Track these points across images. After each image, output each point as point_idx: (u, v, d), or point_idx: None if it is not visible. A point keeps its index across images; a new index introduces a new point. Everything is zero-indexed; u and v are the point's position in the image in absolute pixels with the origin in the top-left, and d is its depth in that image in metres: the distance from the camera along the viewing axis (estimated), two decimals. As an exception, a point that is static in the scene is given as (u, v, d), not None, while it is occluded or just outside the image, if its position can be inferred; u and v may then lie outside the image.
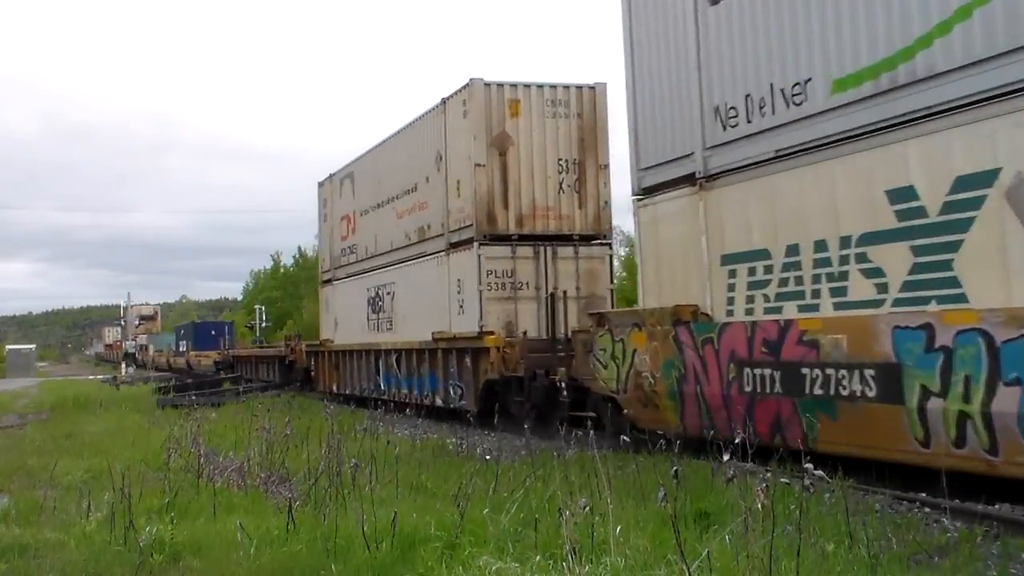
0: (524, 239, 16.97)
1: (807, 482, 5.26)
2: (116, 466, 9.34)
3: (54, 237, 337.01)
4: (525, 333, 16.25)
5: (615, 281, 17.72)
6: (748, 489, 5.25)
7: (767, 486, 4.80)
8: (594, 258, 17.40)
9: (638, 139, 12.72)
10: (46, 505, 8.63)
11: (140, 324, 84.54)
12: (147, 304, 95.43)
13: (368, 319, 22.78)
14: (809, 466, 5.28)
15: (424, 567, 5.92)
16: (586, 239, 17.37)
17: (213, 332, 57.38)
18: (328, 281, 26.82)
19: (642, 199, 12.66)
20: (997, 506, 7.85)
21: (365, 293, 23.02)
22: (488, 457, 11.43)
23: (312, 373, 28.35)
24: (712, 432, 10.50)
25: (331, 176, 26.55)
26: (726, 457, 6.83)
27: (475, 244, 16.80)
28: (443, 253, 18.21)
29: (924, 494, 8.36)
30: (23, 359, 64.34)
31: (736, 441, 7.12)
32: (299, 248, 69.22)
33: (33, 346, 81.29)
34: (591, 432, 8.65)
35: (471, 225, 16.94)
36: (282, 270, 71.43)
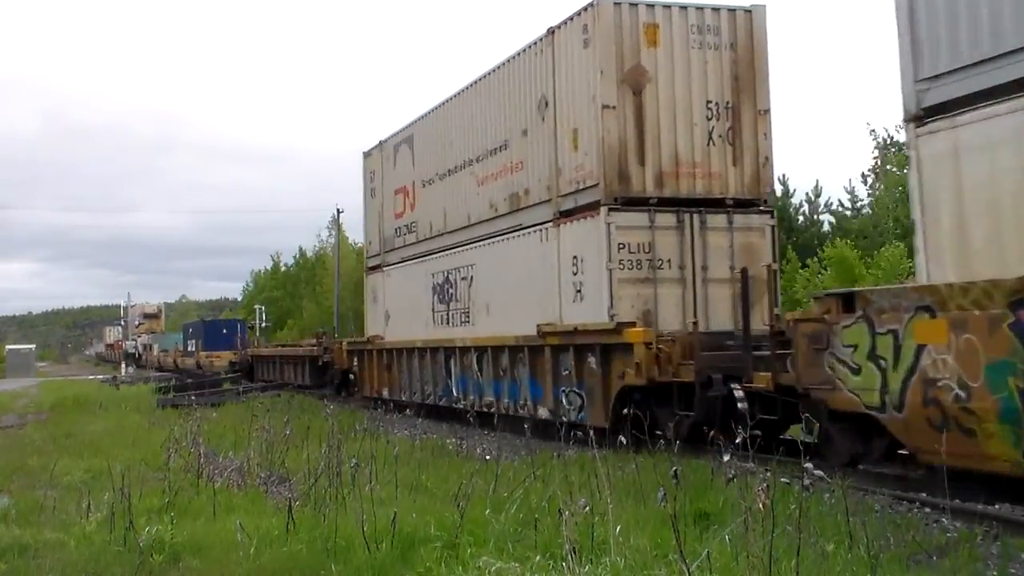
0: (664, 203, 13.41)
1: (807, 482, 5.26)
2: (116, 466, 9.34)
3: (54, 237, 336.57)
4: (696, 324, 12.42)
5: (776, 260, 13.88)
6: (748, 489, 5.25)
7: (767, 486, 4.80)
8: (752, 229, 13.79)
9: (916, 36, 9.04)
10: (46, 505, 8.63)
11: (142, 323, 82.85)
12: (150, 303, 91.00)
13: (434, 310, 19.20)
14: (809, 466, 5.29)
15: (424, 567, 5.93)
16: (742, 205, 13.84)
17: (225, 330, 52.83)
18: (376, 267, 23.00)
19: (926, 124, 8.98)
20: (997, 506, 7.86)
21: (429, 279, 19.38)
22: (488, 457, 11.45)
23: (353, 376, 25.02)
24: None
25: (381, 143, 22.69)
26: (726, 457, 6.83)
27: (602, 210, 13.17)
28: (550, 224, 14.66)
29: (924, 494, 8.37)
30: (23, 359, 64.37)
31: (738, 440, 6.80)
32: (299, 248, 69.32)
33: (33, 346, 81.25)
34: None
35: (596, 185, 13.36)
36: (283, 269, 71.51)
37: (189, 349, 58.54)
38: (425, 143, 20.01)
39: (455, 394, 17.88)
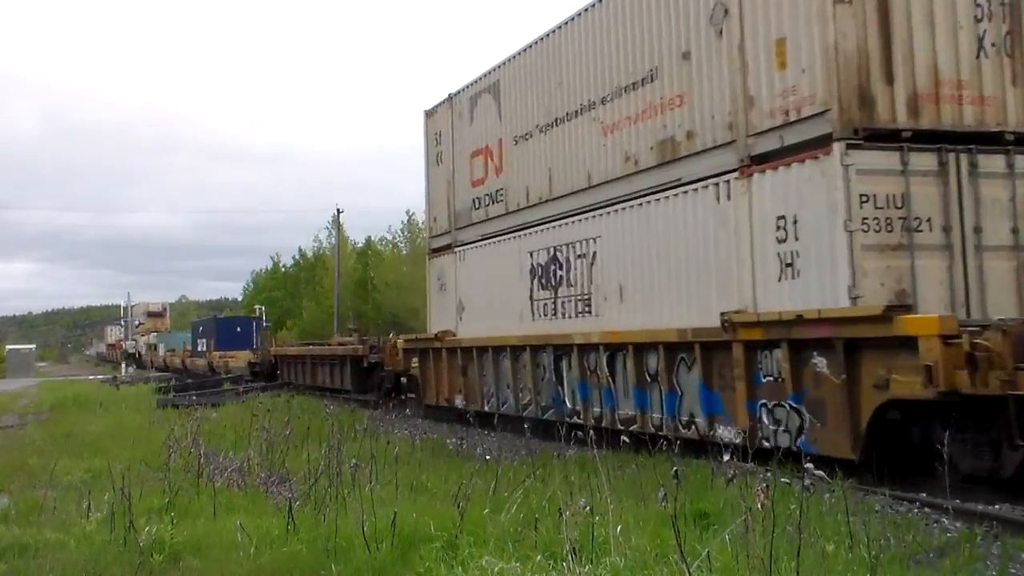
0: (920, 139, 9.73)
1: (807, 482, 5.26)
2: (116, 466, 9.35)
3: (54, 237, 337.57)
4: None
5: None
6: (748, 489, 5.25)
7: (767, 486, 4.80)
8: None
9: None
10: (46, 505, 8.63)
11: (141, 324, 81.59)
12: (154, 301, 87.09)
13: (532, 299, 15.26)
14: (809, 466, 5.29)
15: (424, 567, 5.93)
16: None
17: (239, 328, 49.04)
18: (444, 249, 18.97)
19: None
20: (997, 506, 7.86)
21: (524, 260, 15.56)
22: (488, 457, 11.45)
23: (406, 380, 21.62)
24: None
25: (452, 97, 18.78)
26: (726, 457, 6.83)
27: (836, 147, 9.45)
28: (733, 175, 10.82)
29: (924, 494, 8.36)
30: (23, 359, 64.37)
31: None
32: (299, 248, 69.50)
33: (33, 346, 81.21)
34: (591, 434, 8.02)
35: (823, 113, 9.66)
36: (282, 270, 71.67)
37: (199, 349, 54.47)
38: (518, 89, 16.09)
39: (570, 405, 14.03)
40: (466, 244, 17.99)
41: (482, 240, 17.32)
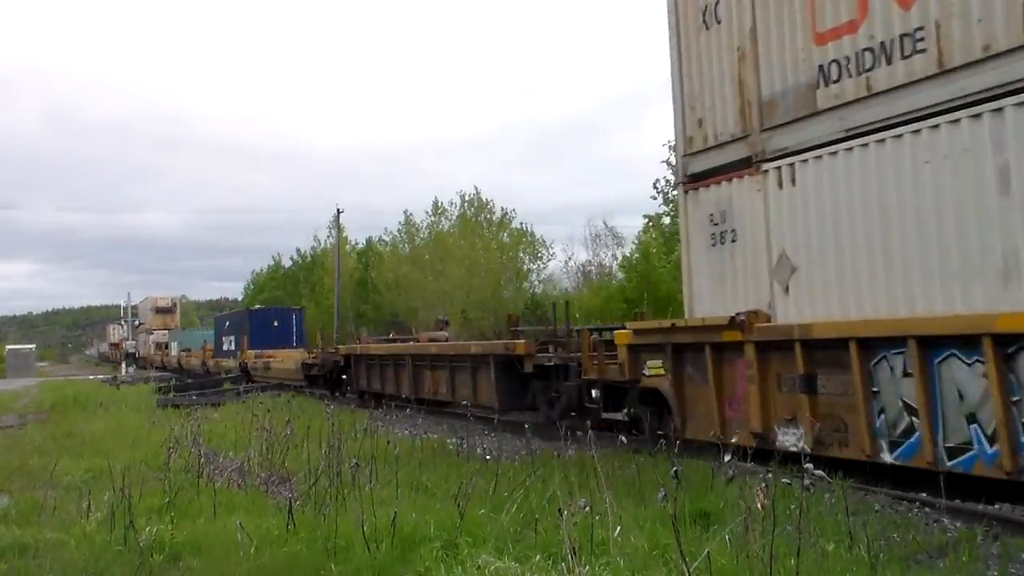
0: None
1: (807, 482, 5.27)
2: (116, 466, 9.35)
3: (54, 237, 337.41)
4: None
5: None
6: (748, 489, 5.25)
7: (767, 486, 4.80)
8: None
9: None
10: (46, 505, 8.64)
11: (141, 324, 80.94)
12: (163, 296, 78.62)
13: None
14: (809, 466, 5.29)
15: (423, 567, 5.93)
16: None
17: (276, 322, 40.49)
18: (729, 169, 11.44)
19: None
20: (997, 506, 7.87)
21: (1016, 160, 7.81)
22: (488, 457, 11.45)
23: (596, 393, 13.78)
24: None
25: None
26: (726, 457, 6.84)
27: None
28: None
29: (924, 494, 8.37)
30: (23, 359, 64.37)
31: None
32: (297, 249, 69.79)
33: (33, 346, 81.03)
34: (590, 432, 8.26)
35: None
36: (282, 271, 71.92)
37: (225, 347, 45.46)
38: None
39: None
40: (796, 153, 10.31)
41: (847, 140, 9.63)
